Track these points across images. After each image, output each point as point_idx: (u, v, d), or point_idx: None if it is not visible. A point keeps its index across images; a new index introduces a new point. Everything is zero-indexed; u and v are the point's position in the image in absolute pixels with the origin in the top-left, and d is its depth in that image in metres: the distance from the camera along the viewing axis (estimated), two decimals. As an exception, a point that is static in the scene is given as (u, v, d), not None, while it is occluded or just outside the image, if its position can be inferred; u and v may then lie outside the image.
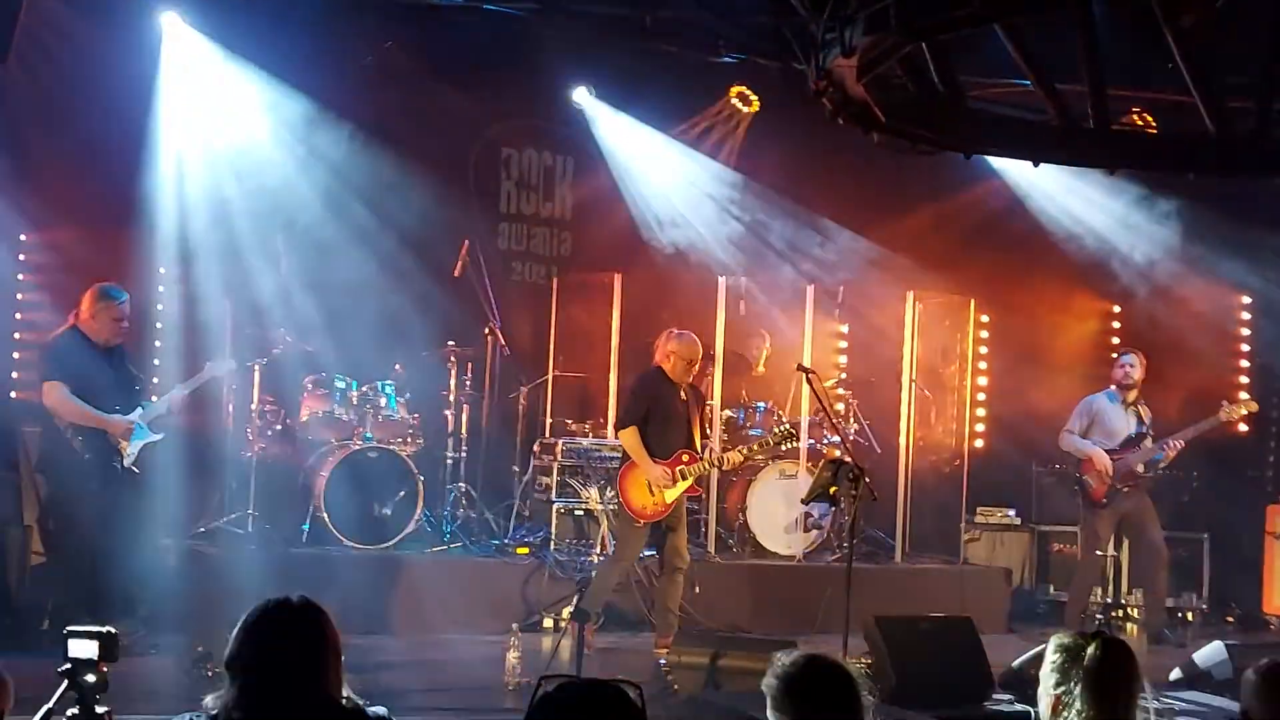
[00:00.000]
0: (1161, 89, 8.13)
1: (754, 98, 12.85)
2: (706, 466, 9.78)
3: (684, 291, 12.50)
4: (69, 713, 3.86)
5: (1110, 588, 12.00)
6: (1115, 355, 11.47)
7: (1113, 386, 11.17)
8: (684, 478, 9.46)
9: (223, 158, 11.11)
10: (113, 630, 3.95)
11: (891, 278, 12.65)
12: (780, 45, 8.62)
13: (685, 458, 9.48)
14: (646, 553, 10.09)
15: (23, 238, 10.58)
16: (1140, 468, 10.98)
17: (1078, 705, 3.88)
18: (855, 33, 5.49)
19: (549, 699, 3.02)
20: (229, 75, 11.08)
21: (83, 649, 3.90)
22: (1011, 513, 12.78)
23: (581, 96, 12.55)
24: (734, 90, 12.87)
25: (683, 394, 9.60)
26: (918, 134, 6.67)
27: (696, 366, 9.69)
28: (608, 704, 3.01)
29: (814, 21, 5.89)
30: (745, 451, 10.07)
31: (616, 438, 10.13)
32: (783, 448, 10.46)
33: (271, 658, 3.59)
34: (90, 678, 3.89)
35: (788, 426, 10.21)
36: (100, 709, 3.89)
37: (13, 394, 10.26)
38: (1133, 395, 11.08)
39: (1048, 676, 3.99)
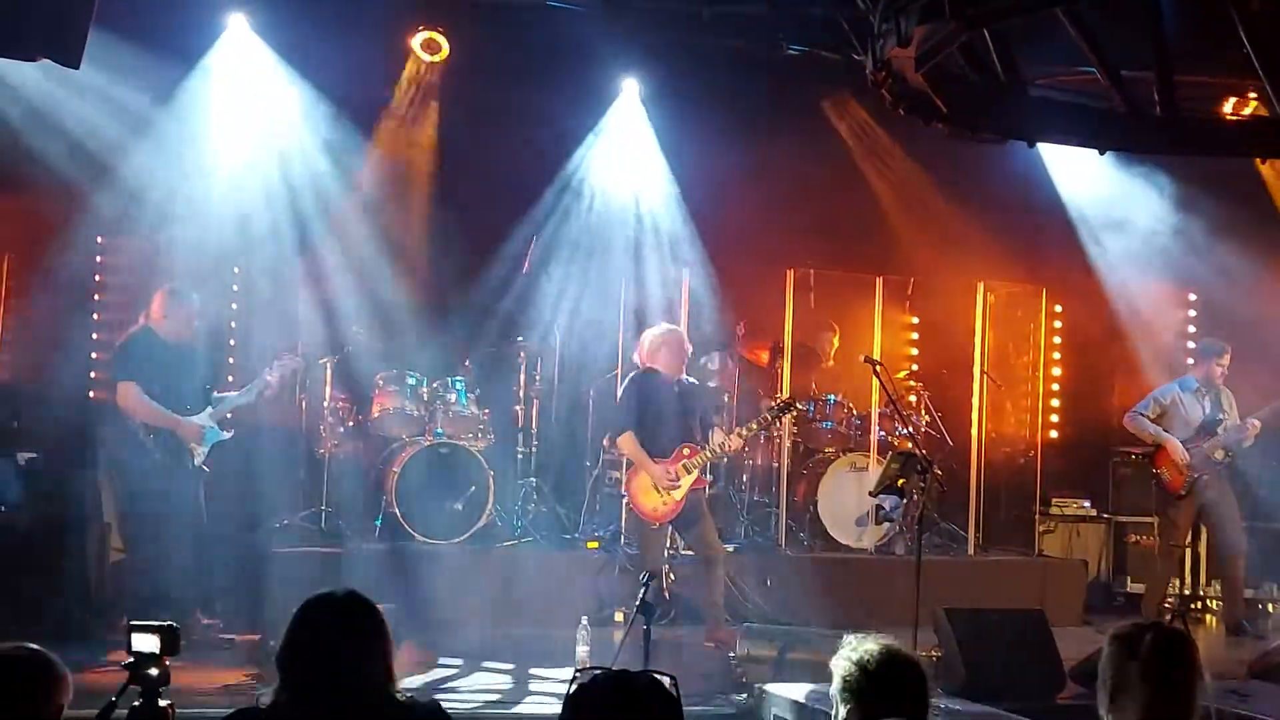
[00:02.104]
0: (1229, 75, 8.00)
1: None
2: (709, 456, 9.68)
3: (751, 284, 12.45)
4: (132, 705, 3.92)
5: (1188, 579, 11.84)
6: (1217, 349, 11.04)
7: (1194, 375, 10.99)
8: (688, 471, 9.46)
9: (289, 156, 11.20)
10: (174, 625, 4.01)
11: (961, 268, 12.52)
12: (839, 37, 8.58)
13: (686, 451, 9.50)
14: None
15: (99, 240, 10.72)
16: (1219, 454, 10.78)
17: (1135, 696, 3.83)
18: (910, 22, 5.47)
19: (584, 689, 3.05)
20: (282, 83, 11.14)
21: (145, 643, 3.96)
22: (1087, 504, 12.66)
23: (628, 87, 12.48)
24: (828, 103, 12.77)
25: (676, 388, 9.63)
26: (980, 123, 6.63)
27: (686, 359, 9.75)
28: (640, 692, 3.04)
29: (870, 12, 5.88)
30: (743, 433, 9.98)
31: (616, 447, 10.15)
32: (779, 421, 10.54)
33: (317, 652, 3.64)
34: (153, 671, 3.95)
35: (782, 401, 10.18)
36: (163, 702, 3.95)
37: (90, 394, 10.44)
38: (1218, 387, 10.90)
39: (1105, 668, 3.94)
